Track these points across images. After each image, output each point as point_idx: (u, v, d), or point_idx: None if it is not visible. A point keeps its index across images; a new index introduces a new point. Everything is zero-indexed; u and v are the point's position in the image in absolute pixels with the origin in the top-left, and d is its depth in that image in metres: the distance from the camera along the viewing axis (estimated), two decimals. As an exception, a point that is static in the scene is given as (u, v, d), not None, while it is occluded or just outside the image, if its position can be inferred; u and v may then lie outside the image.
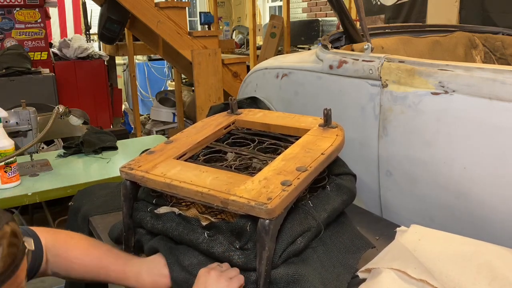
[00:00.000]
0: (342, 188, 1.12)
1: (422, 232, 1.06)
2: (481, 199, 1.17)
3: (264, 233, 0.85)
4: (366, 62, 1.48)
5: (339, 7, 1.76)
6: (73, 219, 1.46)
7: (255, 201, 0.86)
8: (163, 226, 1.00)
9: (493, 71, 1.13)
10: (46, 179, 1.88)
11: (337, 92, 1.62)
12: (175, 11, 3.63)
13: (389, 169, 1.43)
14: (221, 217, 1.02)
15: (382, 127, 1.43)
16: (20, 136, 1.94)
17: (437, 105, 1.26)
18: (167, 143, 1.18)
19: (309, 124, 1.24)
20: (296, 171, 0.96)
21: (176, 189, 0.96)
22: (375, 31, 2.10)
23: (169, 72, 7.02)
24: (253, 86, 2.21)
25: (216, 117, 1.37)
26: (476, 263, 0.92)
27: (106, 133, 2.43)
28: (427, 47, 2.06)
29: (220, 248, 0.92)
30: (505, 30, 2.28)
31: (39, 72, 3.83)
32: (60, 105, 1.94)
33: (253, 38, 4.21)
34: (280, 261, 0.91)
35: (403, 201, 1.41)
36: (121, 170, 1.05)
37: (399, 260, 0.93)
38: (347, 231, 1.11)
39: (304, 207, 1.01)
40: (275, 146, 1.22)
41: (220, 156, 1.21)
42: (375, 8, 4.54)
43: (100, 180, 1.86)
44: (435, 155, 1.27)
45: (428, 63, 1.31)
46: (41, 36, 4.06)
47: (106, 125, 4.54)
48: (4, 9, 3.86)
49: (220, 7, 7.50)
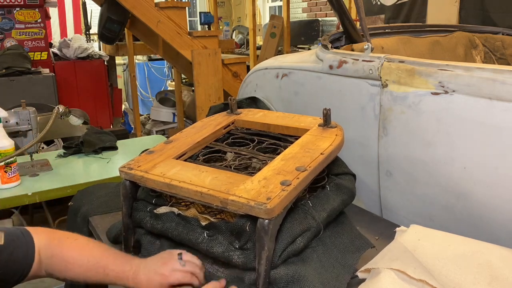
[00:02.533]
0: (342, 188, 1.12)
1: (422, 232, 1.06)
2: (481, 199, 1.17)
3: (264, 233, 0.85)
4: (366, 62, 1.48)
5: (339, 7, 1.76)
6: (73, 219, 1.46)
7: (255, 201, 0.85)
8: (163, 226, 1.00)
9: (493, 71, 1.13)
10: (46, 179, 1.88)
11: (337, 92, 1.62)
12: (175, 11, 3.63)
13: (389, 169, 1.43)
14: (221, 217, 1.02)
15: (382, 127, 1.43)
16: (20, 136, 1.94)
17: (437, 105, 1.26)
18: (166, 143, 1.18)
19: (309, 124, 1.24)
20: (295, 171, 0.96)
21: (176, 189, 0.96)
22: (375, 31, 2.10)
23: (169, 72, 7.02)
24: (253, 86, 2.21)
25: (215, 117, 1.37)
26: (476, 263, 0.92)
27: (106, 133, 2.43)
28: (427, 47, 2.05)
29: (219, 248, 0.92)
30: (505, 30, 2.28)
31: (39, 72, 3.84)
32: (60, 105, 1.94)
33: (253, 38, 4.21)
34: (279, 261, 0.91)
35: (403, 201, 1.41)
36: (120, 170, 1.05)
37: (398, 260, 0.93)
38: (347, 231, 1.11)
39: (304, 207, 1.01)
40: (275, 146, 1.22)
41: (219, 156, 1.21)
42: (375, 8, 4.53)
43: (100, 180, 1.86)
44: (435, 155, 1.27)
45: (428, 63, 1.30)
46: (41, 36, 4.06)
47: (106, 125, 4.54)
48: (4, 9, 3.86)
49: (220, 7, 7.50)
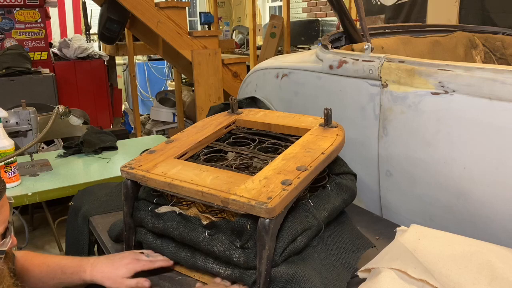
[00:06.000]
0: (343, 187, 1.12)
1: (422, 232, 1.06)
2: (481, 199, 1.17)
3: (264, 232, 0.85)
4: (366, 62, 1.48)
5: (339, 7, 1.76)
6: (73, 219, 1.46)
7: (256, 201, 0.86)
8: (164, 225, 1.00)
9: (493, 71, 1.13)
10: (46, 179, 1.88)
11: (337, 92, 1.63)
12: (175, 11, 3.63)
13: (389, 169, 1.43)
14: (222, 216, 1.02)
15: (382, 127, 1.43)
16: (20, 136, 1.94)
17: (437, 105, 1.26)
18: (167, 142, 1.18)
19: (309, 124, 1.24)
20: (296, 171, 0.96)
21: (177, 188, 0.96)
22: (375, 31, 2.10)
23: (169, 72, 7.01)
24: (253, 86, 2.21)
25: (216, 117, 1.37)
26: (476, 263, 0.92)
27: (106, 133, 2.43)
28: (427, 47, 2.06)
29: (220, 247, 0.92)
30: (505, 30, 2.28)
31: (39, 72, 3.84)
32: (60, 105, 1.94)
33: (253, 38, 4.21)
34: (280, 259, 0.91)
35: (403, 201, 1.41)
36: (121, 169, 1.05)
37: (399, 260, 0.93)
38: (347, 230, 1.11)
39: (305, 206, 1.01)
40: (276, 145, 1.22)
41: (220, 156, 1.21)
42: (375, 8, 4.54)
43: (100, 180, 1.86)
44: (435, 155, 1.27)
45: (428, 63, 1.31)
46: (41, 36, 4.06)
47: (106, 125, 4.54)
48: (4, 9, 3.86)
49: (220, 7, 7.50)
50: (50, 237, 2.75)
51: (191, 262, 0.99)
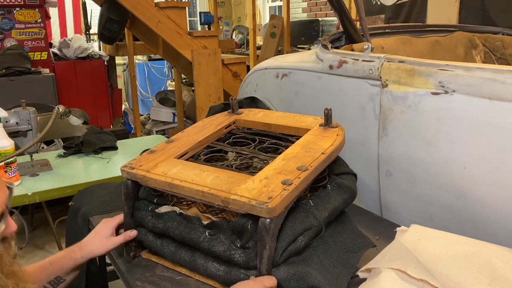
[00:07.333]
0: (343, 187, 1.12)
1: (422, 232, 1.06)
2: (481, 199, 1.17)
3: (265, 232, 0.85)
4: (366, 62, 1.48)
5: (339, 7, 1.76)
6: (73, 219, 1.46)
7: (256, 200, 0.86)
8: (164, 225, 1.00)
9: (493, 71, 1.13)
10: (46, 179, 1.88)
11: (337, 92, 1.63)
12: (175, 11, 3.63)
13: (389, 169, 1.43)
14: (222, 216, 1.02)
15: (382, 127, 1.44)
16: (20, 136, 1.94)
17: (437, 105, 1.26)
18: (168, 142, 1.18)
19: (310, 124, 1.24)
20: (296, 171, 0.96)
21: (177, 188, 0.96)
22: (375, 31, 2.10)
23: (169, 72, 7.01)
24: (253, 86, 2.21)
25: (216, 117, 1.37)
26: (477, 263, 0.92)
27: (106, 133, 2.43)
28: (427, 47, 2.06)
29: (221, 247, 0.92)
30: (505, 30, 2.28)
31: (39, 72, 3.84)
32: (60, 105, 1.95)
33: (253, 38, 4.21)
34: (281, 259, 0.91)
35: (403, 201, 1.41)
36: (122, 169, 1.05)
37: (399, 260, 0.93)
38: (348, 230, 1.11)
39: (305, 206, 1.01)
40: (276, 145, 1.22)
41: (221, 156, 1.21)
42: (375, 8, 4.54)
43: (100, 180, 1.86)
44: (435, 155, 1.27)
45: (428, 63, 1.31)
46: (41, 36, 4.06)
47: (106, 125, 4.54)
48: (4, 9, 3.86)
49: (220, 7, 7.49)
50: (50, 237, 2.75)
51: (191, 262, 0.99)
